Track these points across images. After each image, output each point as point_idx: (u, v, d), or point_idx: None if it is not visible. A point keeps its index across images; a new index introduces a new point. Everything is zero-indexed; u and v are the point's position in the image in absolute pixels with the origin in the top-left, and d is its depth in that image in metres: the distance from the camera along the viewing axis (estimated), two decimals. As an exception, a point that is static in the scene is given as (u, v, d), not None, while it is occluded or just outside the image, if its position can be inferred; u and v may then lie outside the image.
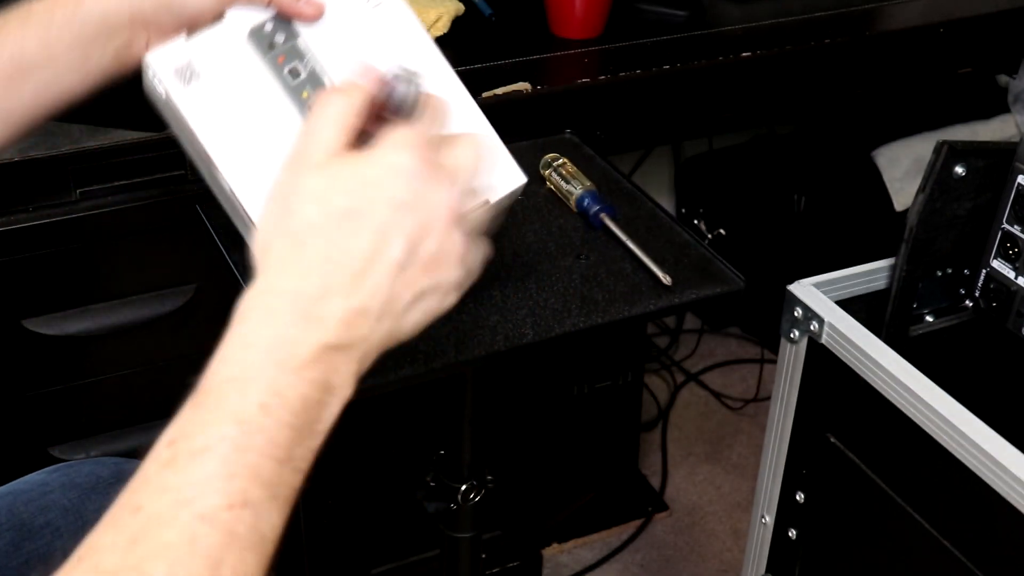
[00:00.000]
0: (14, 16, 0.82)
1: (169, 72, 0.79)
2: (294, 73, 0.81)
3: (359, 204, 0.62)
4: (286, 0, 0.81)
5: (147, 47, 0.82)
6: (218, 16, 0.81)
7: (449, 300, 0.66)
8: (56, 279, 1.23)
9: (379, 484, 1.52)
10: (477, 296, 0.91)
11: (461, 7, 1.46)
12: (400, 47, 0.84)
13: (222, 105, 0.79)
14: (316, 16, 0.81)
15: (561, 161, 1.06)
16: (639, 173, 2.12)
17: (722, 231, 2.10)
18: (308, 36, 0.82)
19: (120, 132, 1.20)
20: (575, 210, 1.02)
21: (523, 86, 1.33)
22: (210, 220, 0.97)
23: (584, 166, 1.07)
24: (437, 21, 1.41)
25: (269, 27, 0.81)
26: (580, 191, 1.02)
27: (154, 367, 1.32)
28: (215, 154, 0.78)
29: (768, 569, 1.13)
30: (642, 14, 1.52)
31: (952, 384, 0.90)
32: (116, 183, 1.21)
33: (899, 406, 0.91)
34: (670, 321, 2.29)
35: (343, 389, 0.61)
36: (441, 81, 0.84)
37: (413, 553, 1.60)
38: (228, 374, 0.58)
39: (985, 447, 0.84)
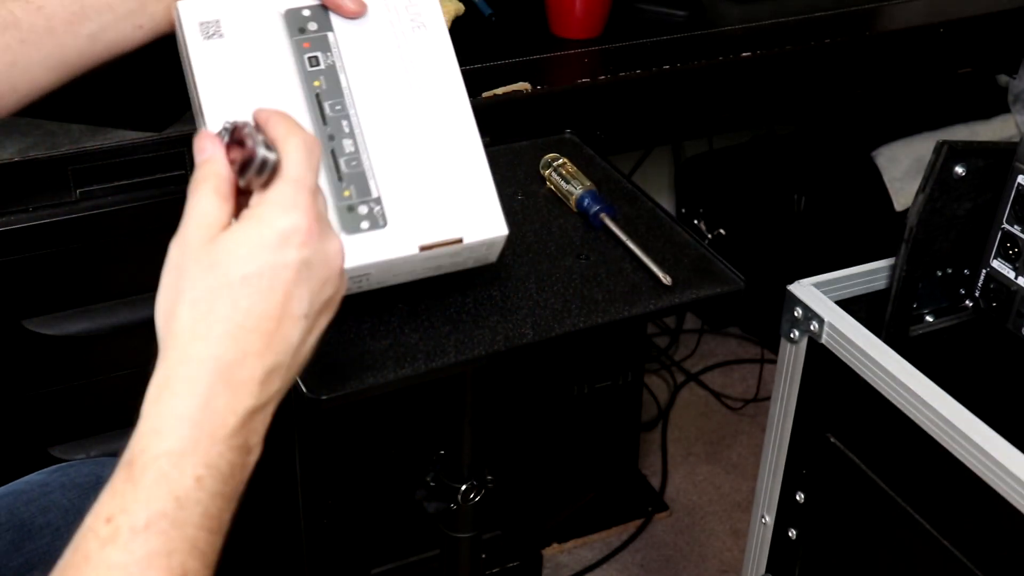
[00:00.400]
0: None
1: (194, 22, 0.80)
2: (313, 61, 0.81)
3: (259, 269, 0.62)
4: None
5: None
6: None
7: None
8: (56, 279, 1.23)
9: (379, 484, 1.52)
10: (477, 296, 0.91)
11: (461, 7, 1.46)
12: (427, 72, 0.84)
13: (233, 69, 0.80)
14: (358, 14, 0.82)
15: (561, 161, 1.06)
16: (639, 173, 2.12)
17: (722, 231, 2.10)
18: (341, 33, 0.82)
19: (120, 132, 1.20)
20: (575, 210, 1.02)
21: (523, 86, 1.33)
22: (210, 220, 0.97)
23: (584, 166, 1.07)
24: (437, 21, 1.41)
25: (307, 12, 0.82)
26: (580, 191, 1.02)
27: (154, 367, 1.32)
28: (209, 114, 0.79)
29: (768, 569, 1.13)
30: (642, 14, 1.52)
31: (952, 384, 0.90)
32: (116, 183, 1.21)
33: (899, 406, 0.91)
34: (670, 321, 2.29)
35: (257, 448, 0.63)
36: (455, 118, 0.84)
37: (413, 553, 1.60)
38: (163, 448, 0.59)
39: (985, 447, 0.84)
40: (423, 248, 0.81)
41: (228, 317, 0.62)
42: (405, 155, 0.82)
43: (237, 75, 0.80)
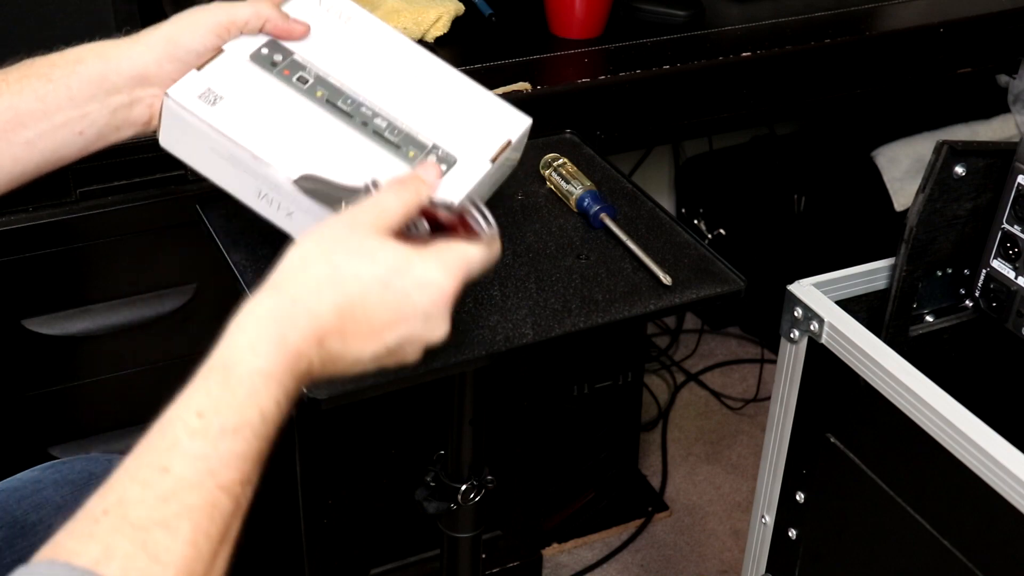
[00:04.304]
0: (15, 69, 0.85)
1: (193, 99, 0.85)
2: (302, 80, 0.88)
3: (396, 288, 0.70)
4: (278, 24, 0.89)
5: (149, 109, 0.87)
6: (217, 51, 0.87)
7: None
8: (56, 279, 1.23)
9: (379, 484, 1.52)
10: (477, 296, 0.91)
11: (461, 7, 1.46)
12: (380, 46, 0.93)
13: (253, 117, 0.85)
14: (305, 34, 0.91)
15: (561, 161, 1.06)
16: (639, 173, 2.12)
17: (722, 231, 2.10)
18: (301, 52, 0.90)
19: (120, 132, 1.20)
20: (575, 210, 1.02)
21: (523, 86, 1.33)
22: (210, 220, 0.97)
23: (584, 166, 1.07)
24: (437, 21, 1.41)
25: (266, 50, 0.89)
26: (580, 191, 1.02)
27: (154, 367, 1.32)
28: (269, 157, 0.83)
29: (768, 569, 1.13)
30: (642, 14, 1.52)
31: (952, 384, 0.90)
32: (116, 183, 1.21)
33: (899, 406, 0.91)
34: (670, 321, 2.29)
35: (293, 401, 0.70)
36: (427, 65, 0.93)
37: (413, 553, 1.60)
38: (258, 366, 0.65)
39: (985, 447, 0.84)
40: (492, 159, 0.89)
41: (347, 296, 0.69)
42: (423, 108, 0.90)
43: (260, 119, 0.85)
